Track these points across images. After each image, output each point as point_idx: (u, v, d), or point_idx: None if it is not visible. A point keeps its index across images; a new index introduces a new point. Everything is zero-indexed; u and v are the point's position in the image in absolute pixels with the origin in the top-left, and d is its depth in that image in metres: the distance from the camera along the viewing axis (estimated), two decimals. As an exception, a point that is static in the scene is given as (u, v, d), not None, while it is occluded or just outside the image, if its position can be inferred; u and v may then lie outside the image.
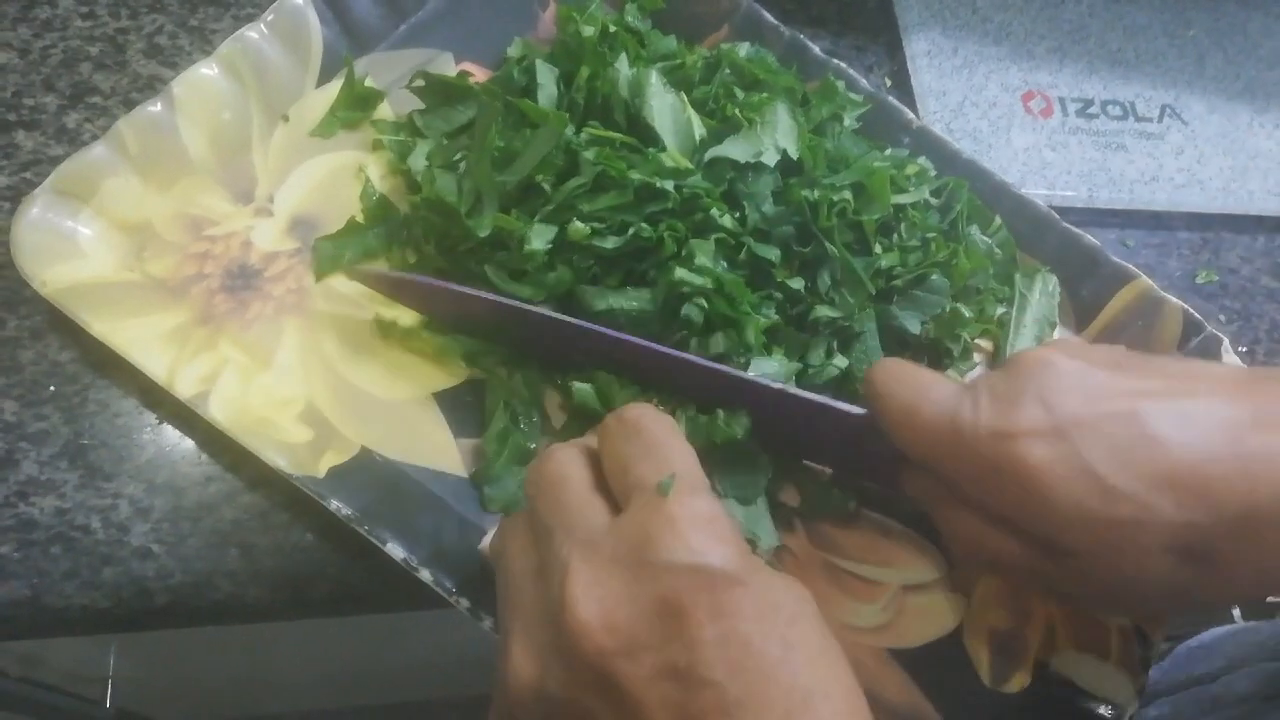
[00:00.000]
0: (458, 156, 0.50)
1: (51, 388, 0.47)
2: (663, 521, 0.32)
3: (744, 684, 0.29)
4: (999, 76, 0.67)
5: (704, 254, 0.46)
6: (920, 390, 0.41)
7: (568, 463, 0.36)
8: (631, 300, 0.47)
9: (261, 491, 0.46)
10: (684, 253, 0.46)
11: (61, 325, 0.47)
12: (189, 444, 0.47)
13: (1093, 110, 0.67)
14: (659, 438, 0.35)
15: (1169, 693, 0.58)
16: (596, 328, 0.46)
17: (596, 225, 0.46)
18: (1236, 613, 0.80)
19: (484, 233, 0.47)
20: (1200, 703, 0.55)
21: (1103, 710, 0.46)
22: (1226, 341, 0.53)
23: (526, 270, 0.47)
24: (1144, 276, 0.54)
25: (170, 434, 0.47)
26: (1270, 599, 0.71)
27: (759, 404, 0.45)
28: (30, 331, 0.48)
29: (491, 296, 0.46)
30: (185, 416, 0.46)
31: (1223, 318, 0.62)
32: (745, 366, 0.46)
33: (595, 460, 0.36)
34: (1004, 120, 0.65)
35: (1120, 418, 0.37)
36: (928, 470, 0.41)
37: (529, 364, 0.49)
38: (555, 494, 0.35)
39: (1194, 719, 0.55)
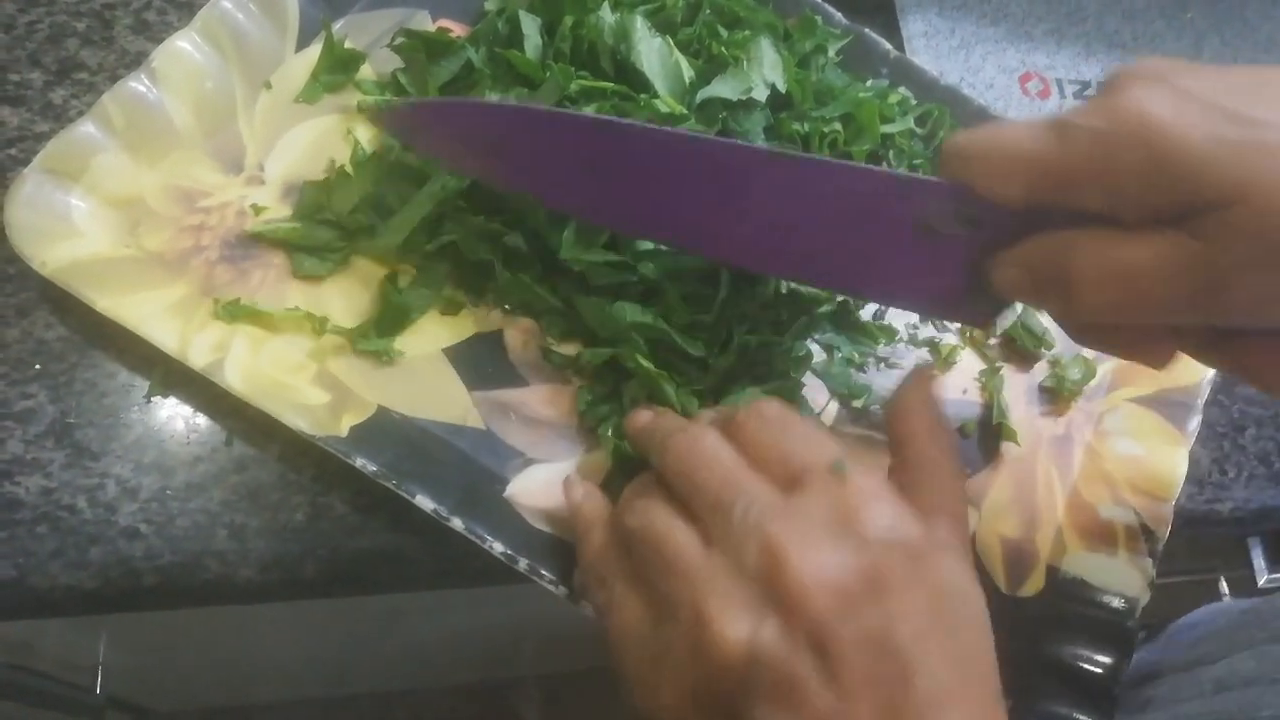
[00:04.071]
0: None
1: (38, 366, 0.46)
2: (857, 497, 0.34)
3: (921, 652, 0.31)
4: (996, 58, 0.67)
5: None
6: (1003, 129, 0.35)
7: (719, 444, 0.37)
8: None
9: (251, 472, 0.46)
10: None
11: (48, 303, 0.47)
12: (178, 424, 0.46)
13: (1090, 92, 0.67)
14: (810, 428, 0.38)
15: (1170, 672, 0.59)
16: (635, 123, 0.41)
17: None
18: (1224, 589, 0.82)
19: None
20: (1201, 684, 0.56)
21: (1115, 603, 0.47)
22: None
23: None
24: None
25: (158, 413, 0.46)
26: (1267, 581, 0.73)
27: (822, 194, 0.39)
28: (16, 309, 0.47)
29: (525, 105, 0.44)
30: (182, 386, 0.46)
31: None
32: None
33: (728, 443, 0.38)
34: (1001, 102, 0.65)
35: (1242, 80, 0.33)
36: (1025, 239, 0.36)
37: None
38: (721, 471, 0.36)
39: (1194, 700, 0.55)
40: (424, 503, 0.43)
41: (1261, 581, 0.76)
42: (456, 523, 0.43)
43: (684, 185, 0.40)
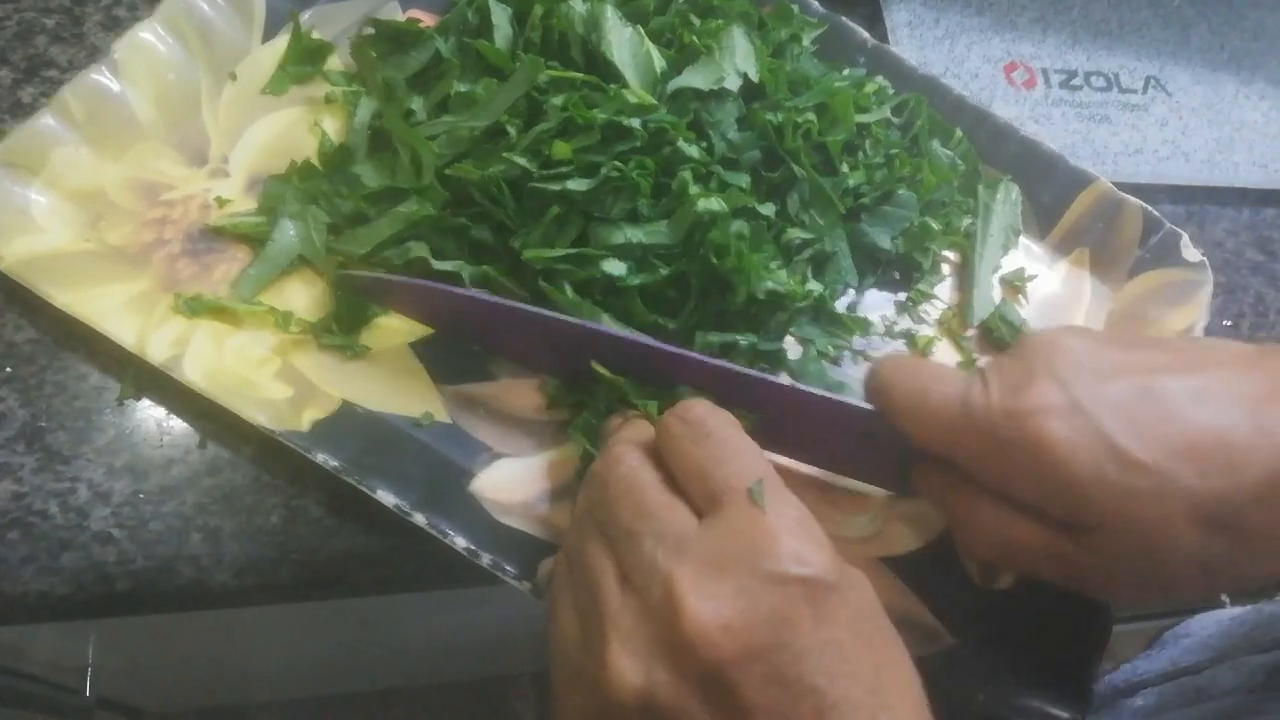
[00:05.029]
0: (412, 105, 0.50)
1: (7, 369, 0.46)
2: (765, 533, 0.33)
3: (840, 688, 0.31)
4: (981, 48, 0.66)
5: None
6: (927, 379, 0.40)
7: (638, 466, 0.36)
8: (650, 234, 0.46)
9: (225, 475, 0.45)
10: (710, 185, 0.46)
11: (17, 305, 0.46)
12: (150, 426, 0.46)
13: (1076, 82, 0.66)
14: (731, 439, 0.36)
15: (1154, 683, 0.59)
16: (599, 327, 0.44)
17: (564, 169, 0.46)
18: (1225, 597, 0.81)
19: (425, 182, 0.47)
20: (1185, 693, 0.56)
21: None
22: (1186, 237, 0.54)
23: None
24: (1103, 179, 0.55)
25: (131, 416, 0.46)
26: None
27: (765, 401, 0.44)
28: (-16, 312, 0.46)
29: (486, 296, 0.45)
30: (154, 388, 0.46)
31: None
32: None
33: (657, 457, 0.37)
34: (986, 92, 0.64)
35: (1136, 391, 0.36)
36: (938, 464, 0.41)
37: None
38: (634, 499, 0.35)
39: (1178, 709, 0.55)
40: (385, 498, 0.43)
41: (1258, 578, 0.76)
42: (419, 518, 0.43)
43: (632, 373, 0.44)
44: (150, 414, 0.46)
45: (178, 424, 0.46)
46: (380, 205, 0.48)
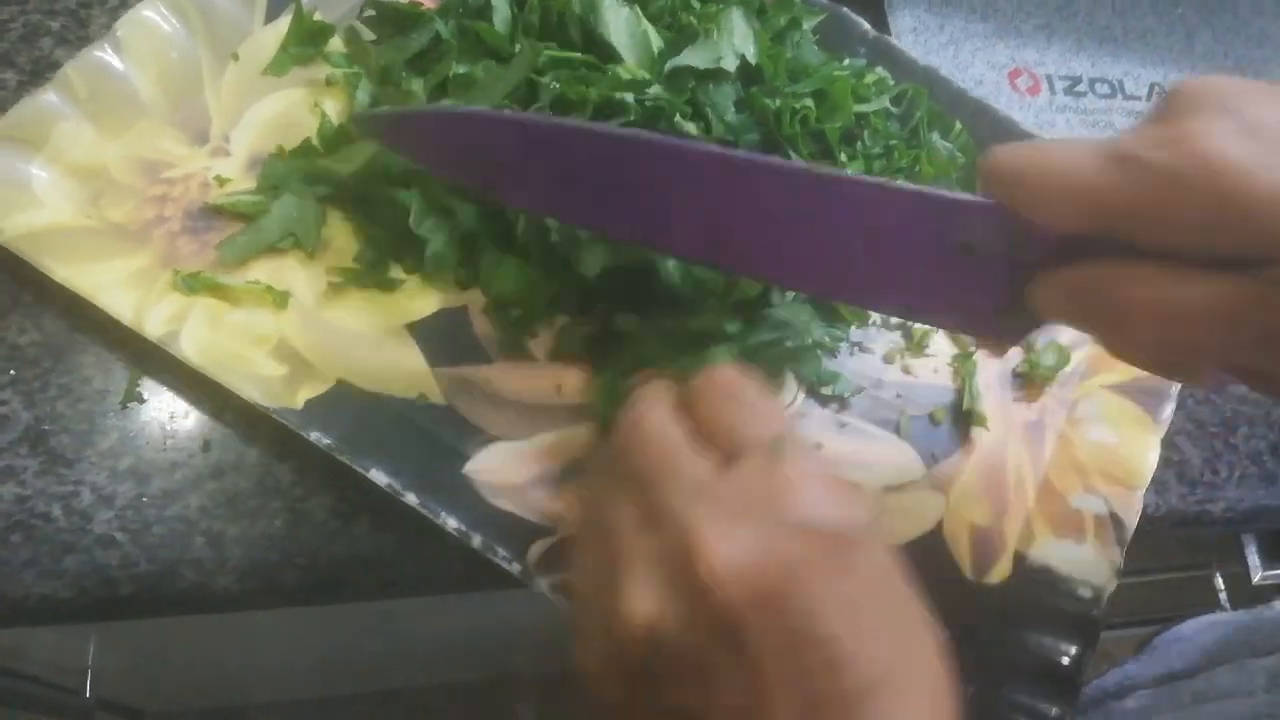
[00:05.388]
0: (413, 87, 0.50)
1: (11, 371, 0.45)
2: (784, 483, 0.33)
3: (854, 642, 0.30)
4: (985, 54, 0.66)
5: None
6: (1060, 153, 0.33)
7: (666, 420, 0.36)
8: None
9: (229, 478, 0.45)
10: None
11: (21, 307, 0.46)
12: (154, 429, 0.45)
13: (1080, 88, 0.66)
14: (760, 403, 0.36)
15: (1146, 685, 0.59)
16: (650, 134, 0.38)
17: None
18: (1220, 585, 0.81)
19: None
20: (1179, 696, 0.56)
21: (1082, 592, 0.47)
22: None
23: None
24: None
25: (135, 419, 0.45)
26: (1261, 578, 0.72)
27: (853, 214, 0.37)
28: (-12, 315, 0.47)
29: (505, 113, 0.42)
30: (159, 392, 0.46)
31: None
32: None
33: (684, 413, 0.37)
34: (990, 98, 0.63)
35: None
36: (1067, 265, 0.35)
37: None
38: (658, 446, 0.35)
39: (1172, 711, 0.55)
40: (378, 477, 0.43)
41: (1256, 579, 0.76)
42: (411, 498, 0.43)
43: (702, 200, 0.38)
44: (154, 417, 0.46)
45: (182, 426, 0.46)
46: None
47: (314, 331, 0.47)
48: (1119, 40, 0.69)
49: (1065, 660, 0.46)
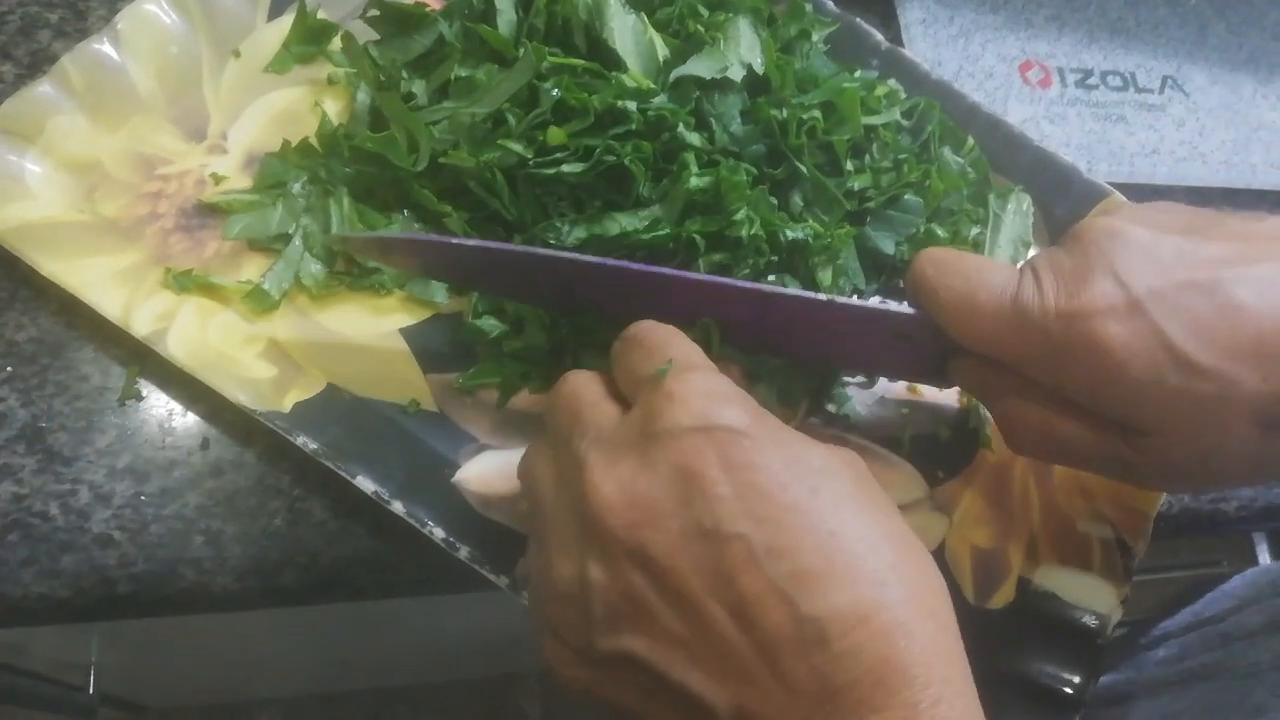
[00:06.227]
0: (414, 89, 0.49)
1: (8, 369, 0.45)
2: (662, 397, 0.32)
3: (770, 531, 0.29)
4: (996, 46, 0.65)
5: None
6: (974, 277, 0.38)
7: (582, 380, 0.36)
8: (645, 218, 0.45)
9: (228, 477, 0.44)
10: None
11: (18, 304, 0.46)
12: (152, 428, 0.45)
13: (1092, 81, 0.65)
14: (658, 339, 0.35)
15: (1177, 635, 0.58)
16: (617, 262, 0.41)
17: (559, 155, 0.45)
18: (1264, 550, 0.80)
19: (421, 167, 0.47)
20: (1208, 640, 0.55)
21: (1086, 620, 0.45)
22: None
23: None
24: (1117, 194, 0.54)
25: (133, 417, 0.45)
26: None
27: (802, 319, 0.42)
28: (-15, 312, 0.46)
29: (484, 243, 0.43)
30: (157, 390, 0.45)
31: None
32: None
33: (610, 380, 0.37)
34: (1001, 91, 0.63)
35: (1198, 288, 0.35)
36: (982, 360, 0.40)
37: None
38: (569, 405, 0.35)
39: (1200, 655, 0.54)
40: (364, 484, 0.42)
41: (1267, 576, 0.75)
42: (397, 506, 0.42)
43: (667, 312, 0.39)
44: (153, 415, 0.45)
45: (180, 425, 0.45)
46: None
47: (305, 333, 0.46)
48: (1131, 32, 0.68)
49: (1068, 690, 0.44)
